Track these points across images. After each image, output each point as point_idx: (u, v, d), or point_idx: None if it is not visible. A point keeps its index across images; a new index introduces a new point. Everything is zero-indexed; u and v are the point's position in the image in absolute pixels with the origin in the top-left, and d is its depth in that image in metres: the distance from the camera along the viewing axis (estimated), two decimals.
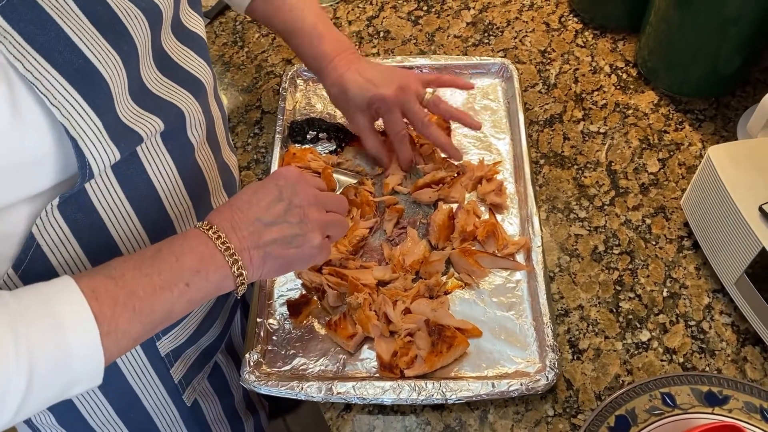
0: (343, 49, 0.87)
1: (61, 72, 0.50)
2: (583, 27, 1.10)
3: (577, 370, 0.76)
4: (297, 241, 0.63)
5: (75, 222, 0.59)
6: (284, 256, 0.63)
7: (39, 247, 0.58)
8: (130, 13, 0.56)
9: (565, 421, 0.73)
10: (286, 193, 0.63)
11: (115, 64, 0.54)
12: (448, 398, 0.72)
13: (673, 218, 0.88)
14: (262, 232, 0.61)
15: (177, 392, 0.79)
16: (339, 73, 0.86)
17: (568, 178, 0.92)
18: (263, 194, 0.63)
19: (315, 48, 0.87)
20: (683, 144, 0.95)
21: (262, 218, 0.61)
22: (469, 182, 0.90)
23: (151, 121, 0.59)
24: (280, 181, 0.64)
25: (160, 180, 0.64)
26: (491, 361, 0.76)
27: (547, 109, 1.00)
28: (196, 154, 0.69)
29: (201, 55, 0.69)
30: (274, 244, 0.62)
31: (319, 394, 0.73)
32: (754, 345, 0.77)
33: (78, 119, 0.51)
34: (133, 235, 0.64)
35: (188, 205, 0.70)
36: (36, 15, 0.49)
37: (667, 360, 0.76)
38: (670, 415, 0.69)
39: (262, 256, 0.61)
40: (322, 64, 0.87)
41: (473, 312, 0.80)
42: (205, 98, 0.70)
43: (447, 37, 1.10)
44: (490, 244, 0.85)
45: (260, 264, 0.61)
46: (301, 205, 0.64)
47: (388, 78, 0.86)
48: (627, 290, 0.82)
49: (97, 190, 0.59)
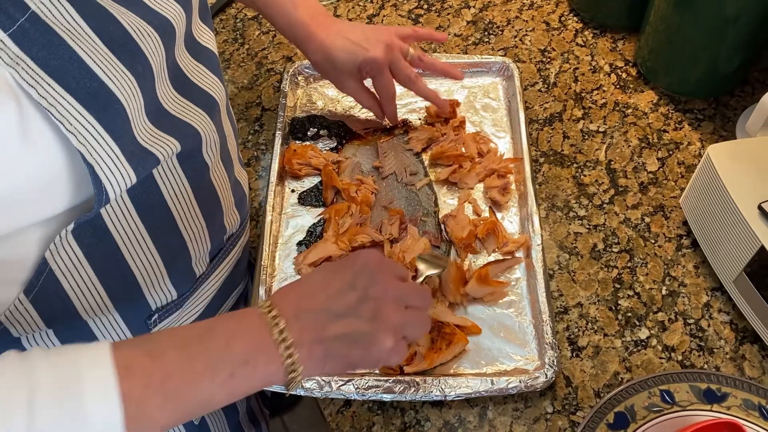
0: (318, 13, 0.87)
1: (76, 97, 0.49)
2: (583, 26, 1.10)
3: (576, 367, 0.76)
4: (365, 341, 0.55)
5: (89, 246, 0.57)
6: (348, 356, 0.55)
7: (52, 272, 0.56)
8: (143, 32, 0.55)
9: (564, 418, 0.73)
10: (362, 282, 0.56)
11: (131, 85, 0.53)
12: (447, 395, 0.72)
13: (672, 217, 0.88)
14: (327, 324, 0.54)
15: None
16: (320, 39, 0.85)
17: (568, 177, 0.92)
18: (336, 279, 0.56)
19: (290, 16, 0.86)
20: (682, 143, 0.95)
21: (330, 308, 0.54)
22: (483, 172, 0.90)
23: (169, 143, 0.58)
24: (357, 266, 0.57)
25: (175, 201, 0.62)
26: (490, 359, 0.76)
27: (546, 108, 1.00)
28: (211, 174, 0.68)
29: (213, 71, 0.68)
30: (339, 340, 0.54)
31: (319, 390, 0.73)
32: (752, 343, 0.77)
33: (95, 144, 0.50)
34: (147, 259, 0.63)
35: (202, 226, 0.68)
36: (48, 39, 0.48)
37: (666, 358, 0.77)
38: (669, 412, 0.70)
39: (323, 352, 0.54)
40: (299, 31, 0.86)
41: (472, 309, 0.80)
42: (219, 116, 0.68)
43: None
44: (490, 241, 0.85)
45: (320, 361, 0.54)
46: (377, 298, 0.56)
47: (373, 38, 0.85)
48: (626, 288, 0.82)
49: (112, 213, 0.57)
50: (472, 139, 0.94)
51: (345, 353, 0.55)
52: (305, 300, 0.55)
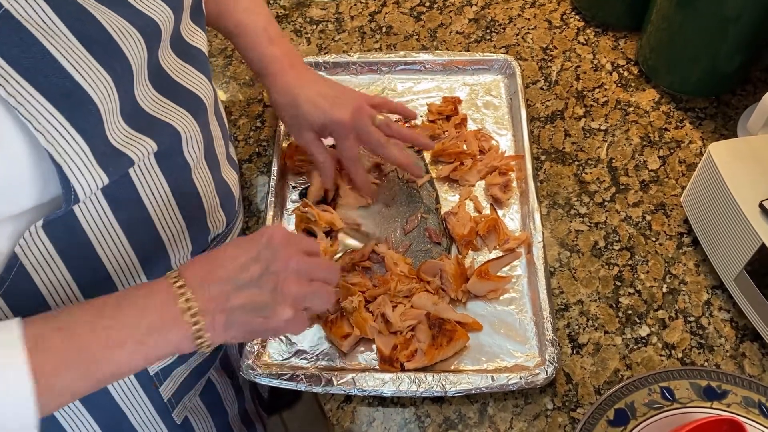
0: (293, 55, 0.84)
1: (47, 96, 0.48)
2: (584, 25, 1.10)
3: (576, 364, 0.77)
4: (265, 312, 0.58)
5: (61, 242, 0.57)
6: (248, 325, 0.58)
7: (23, 266, 0.56)
8: (124, 33, 0.54)
9: (564, 415, 0.73)
10: (265, 255, 0.59)
11: (107, 86, 0.52)
12: (447, 391, 0.72)
13: (673, 215, 0.88)
14: (230, 294, 0.57)
15: (166, 410, 0.76)
16: (290, 81, 0.82)
17: (569, 175, 0.93)
18: (242, 253, 0.58)
19: (263, 48, 0.83)
20: (684, 142, 0.95)
21: (234, 279, 0.57)
22: (485, 169, 0.90)
23: (143, 143, 0.57)
24: (263, 240, 0.59)
25: (152, 201, 0.62)
26: (491, 355, 0.76)
27: (548, 106, 1.00)
28: (193, 174, 0.67)
29: (201, 71, 0.67)
30: (241, 310, 0.57)
31: (319, 386, 0.73)
32: (752, 341, 0.77)
33: (64, 145, 0.49)
34: (122, 257, 0.62)
35: (181, 227, 0.67)
36: (20, 37, 0.47)
37: (666, 355, 0.77)
38: (669, 409, 0.70)
39: (225, 322, 0.57)
40: (269, 67, 0.83)
41: (473, 306, 0.80)
42: (205, 116, 0.68)
43: (449, 33, 1.10)
44: (491, 239, 0.85)
45: (223, 329, 0.57)
46: (277, 272, 0.59)
47: (342, 99, 0.81)
48: (627, 286, 0.82)
49: (85, 210, 0.57)
50: (473, 136, 0.94)
51: (246, 322, 0.58)
52: (212, 271, 0.57)
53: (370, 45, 1.10)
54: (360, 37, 1.11)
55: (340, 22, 1.13)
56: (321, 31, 1.12)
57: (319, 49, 1.09)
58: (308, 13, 1.15)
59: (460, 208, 0.87)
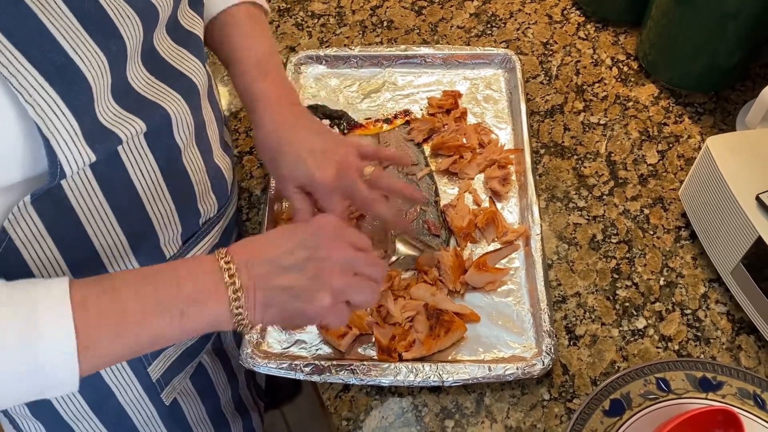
0: (286, 93, 0.77)
1: (39, 69, 0.48)
2: (585, 20, 1.11)
3: (573, 355, 0.77)
4: (305, 297, 0.59)
5: (50, 218, 0.57)
6: (287, 308, 0.59)
7: (12, 241, 0.56)
8: (122, 14, 0.54)
9: (561, 405, 0.74)
10: (313, 242, 0.60)
11: (101, 64, 0.52)
12: (444, 380, 0.73)
13: (671, 209, 0.88)
14: (272, 275, 0.58)
15: (154, 390, 0.77)
16: (273, 126, 0.74)
17: (568, 168, 0.93)
18: (291, 238, 0.60)
19: (253, 80, 0.76)
20: (682, 136, 0.96)
21: (279, 261, 0.58)
22: (484, 162, 0.91)
23: (132, 123, 0.57)
24: (312, 228, 0.61)
25: (141, 181, 0.62)
26: (488, 346, 0.77)
27: (548, 100, 1.01)
28: (183, 157, 0.67)
29: (196, 56, 0.67)
30: (280, 291, 0.58)
31: (318, 375, 0.73)
32: (748, 334, 0.78)
33: (53, 119, 0.50)
34: (110, 235, 0.62)
35: (171, 208, 0.67)
36: (17, 10, 0.48)
37: (663, 347, 0.77)
38: (665, 400, 0.70)
39: (264, 301, 0.58)
40: (254, 102, 0.76)
41: (471, 297, 0.81)
42: (197, 100, 0.67)
43: (450, 27, 1.11)
44: (489, 231, 0.85)
45: (262, 308, 0.58)
46: (322, 259, 0.59)
47: (329, 155, 0.74)
48: (624, 278, 0.83)
49: (74, 187, 0.57)
50: (473, 130, 0.94)
51: (284, 303, 0.58)
52: (258, 251, 0.58)
53: (372, 39, 1.10)
54: (361, 31, 1.11)
55: (341, 16, 1.13)
56: (322, 24, 1.12)
57: (320, 43, 1.10)
58: (310, 6, 1.15)
59: (459, 201, 0.88)
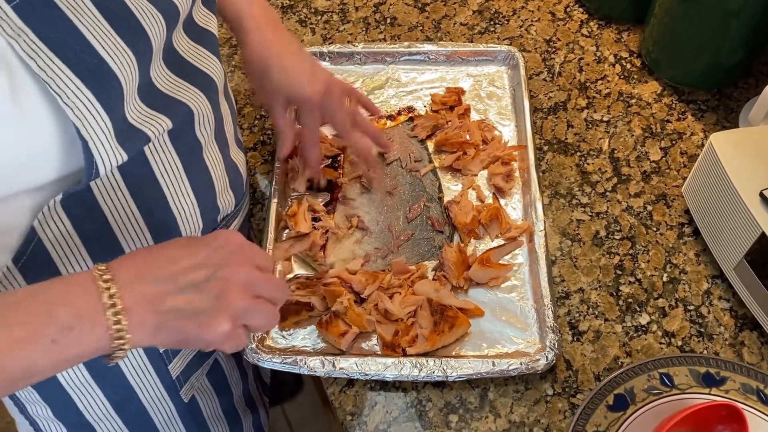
0: (273, 18, 0.81)
1: (75, 71, 0.49)
2: (588, 17, 1.11)
3: (576, 351, 0.77)
4: (202, 319, 0.53)
5: (77, 217, 0.57)
6: (182, 331, 0.53)
7: (40, 241, 0.57)
8: (147, 13, 0.55)
9: (564, 401, 0.74)
10: (214, 260, 0.54)
11: (130, 64, 0.53)
12: (448, 375, 0.73)
13: (674, 205, 0.89)
14: (167, 295, 0.52)
15: (174, 388, 0.78)
16: (262, 42, 0.78)
17: (571, 165, 0.93)
18: (189, 253, 0.54)
19: (242, 4, 0.79)
20: (685, 133, 0.96)
21: (175, 279, 0.52)
22: (487, 159, 0.91)
23: (159, 121, 0.58)
24: (214, 244, 0.55)
25: (166, 179, 0.63)
26: (492, 341, 0.77)
27: (551, 97, 1.01)
28: (204, 153, 0.68)
29: (212, 52, 0.68)
30: (176, 313, 0.52)
31: (322, 369, 0.74)
32: (751, 330, 0.78)
33: (90, 120, 0.50)
34: (136, 233, 0.63)
35: (193, 205, 0.68)
36: (50, 12, 0.49)
37: (666, 343, 0.78)
38: (668, 395, 0.70)
39: (156, 324, 0.52)
40: (243, 22, 0.78)
41: (475, 293, 0.81)
42: (216, 95, 0.69)
43: (453, 24, 1.11)
44: (493, 227, 0.86)
45: (152, 332, 0.52)
46: (225, 279, 0.54)
47: (316, 75, 0.79)
48: (627, 275, 0.83)
49: (102, 186, 0.58)
50: (476, 126, 0.95)
51: (180, 327, 0.53)
52: (150, 267, 0.52)
53: (375, 36, 1.10)
54: (364, 28, 1.11)
55: (344, 13, 1.13)
56: (326, 21, 1.12)
57: (323, 40, 1.10)
58: (313, 3, 1.15)
59: (462, 197, 0.88)
